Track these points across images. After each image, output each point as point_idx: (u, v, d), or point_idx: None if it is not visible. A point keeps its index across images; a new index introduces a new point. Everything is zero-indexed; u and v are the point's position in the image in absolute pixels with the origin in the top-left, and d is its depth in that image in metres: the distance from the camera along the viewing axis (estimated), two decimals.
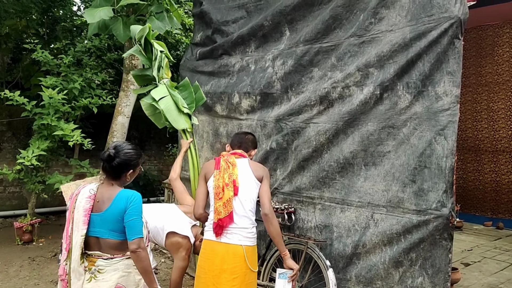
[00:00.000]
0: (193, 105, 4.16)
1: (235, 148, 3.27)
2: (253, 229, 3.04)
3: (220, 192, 2.97)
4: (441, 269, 3.04)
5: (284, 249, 3.14)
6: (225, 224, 2.93)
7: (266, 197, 3.06)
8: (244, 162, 3.13)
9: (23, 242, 6.53)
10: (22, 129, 8.26)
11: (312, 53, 3.90)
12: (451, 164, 3.02)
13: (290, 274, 3.17)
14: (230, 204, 2.95)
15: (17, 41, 7.81)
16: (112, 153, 2.49)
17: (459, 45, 3.02)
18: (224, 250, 2.94)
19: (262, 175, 3.11)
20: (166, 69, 4.17)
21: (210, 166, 3.13)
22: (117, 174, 2.52)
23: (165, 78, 4.12)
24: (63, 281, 2.52)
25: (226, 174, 3.01)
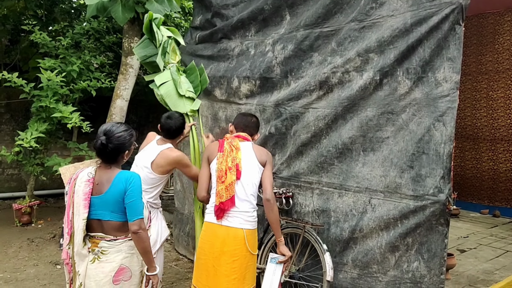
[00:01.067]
0: (198, 88, 4.11)
1: (240, 131, 3.26)
2: (254, 212, 3.07)
3: (222, 175, 2.99)
4: (437, 254, 3.07)
5: (280, 235, 3.18)
6: (227, 208, 2.96)
7: (269, 182, 3.08)
8: (248, 146, 3.14)
9: (22, 224, 6.58)
10: (21, 111, 8.24)
11: (312, 38, 3.88)
12: (449, 150, 3.03)
13: (281, 259, 3.24)
14: (232, 188, 2.97)
15: (15, 22, 7.75)
16: (104, 141, 2.44)
17: (460, 31, 3.01)
18: (225, 233, 2.97)
19: (266, 159, 3.12)
20: (173, 53, 4.11)
21: (214, 148, 3.14)
22: (113, 158, 2.51)
23: (171, 63, 4.06)
24: (67, 264, 2.55)
25: (229, 158, 3.02)
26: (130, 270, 2.52)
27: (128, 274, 2.51)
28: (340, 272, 3.55)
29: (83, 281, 2.46)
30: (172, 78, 3.95)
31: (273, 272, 3.34)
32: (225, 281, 2.93)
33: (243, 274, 2.99)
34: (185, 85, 4.01)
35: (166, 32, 4.07)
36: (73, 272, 2.50)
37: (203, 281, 3.00)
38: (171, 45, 4.06)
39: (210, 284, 2.97)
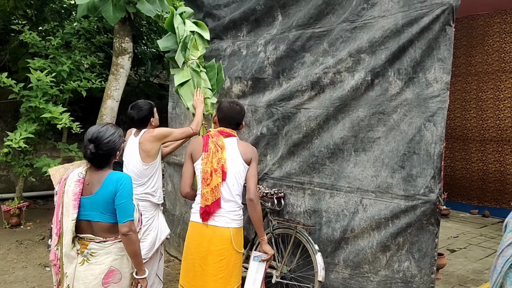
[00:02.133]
0: (215, 87, 4.05)
1: (224, 125, 3.16)
2: (240, 211, 3.05)
3: (208, 177, 2.94)
4: (428, 254, 3.09)
5: (263, 234, 3.17)
6: (212, 210, 2.94)
7: (253, 181, 3.04)
8: (233, 143, 3.09)
9: (10, 226, 6.50)
10: (10, 111, 8.15)
11: (304, 38, 3.89)
12: (440, 150, 3.04)
13: (264, 257, 3.26)
14: (218, 190, 2.94)
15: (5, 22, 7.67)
16: (94, 149, 2.40)
17: (451, 32, 3.03)
18: (211, 233, 2.95)
19: (251, 157, 3.08)
20: (194, 49, 4.01)
21: (198, 146, 3.06)
22: (105, 162, 2.49)
23: (192, 59, 3.99)
24: (55, 266, 2.51)
25: (214, 159, 2.96)
26: (120, 272, 2.49)
27: (118, 276, 2.48)
28: (332, 272, 3.55)
29: (71, 283, 2.42)
30: (192, 77, 3.86)
31: (256, 270, 3.35)
32: (212, 280, 2.92)
33: (230, 272, 2.98)
34: (205, 83, 3.94)
35: (191, 27, 3.97)
36: (61, 273, 2.46)
37: (190, 281, 2.99)
38: (192, 40, 3.95)
39: (197, 284, 2.95)
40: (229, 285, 2.99)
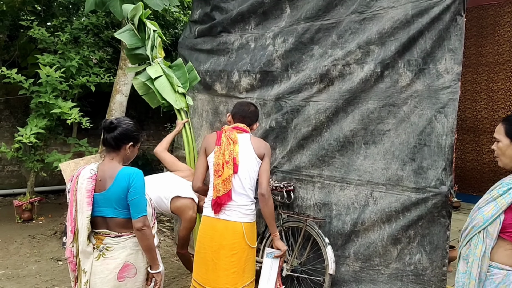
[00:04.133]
0: (186, 85, 4.13)
1: (237, 121, 3.19)
2: (252, 205, 3.04)
3: (219, 169, 2.95)
4: (439, 246, 3.07)
5: (275, 230, 3.14)
6: (223, 202, 2.93)
7: (265, 176, 3.03)
8: (246, 138, 3.09)
9: (22, 220, 6.57)
10: (20, 107, 8.21)
11: (313, 31, 3.86)
12: (451, 142, 3.01)
13: (277, 254, 3.22)
14: (229, 182, 2.94)
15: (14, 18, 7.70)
16: (114, 121, 2.50)
17: (461, 22, 2.99)
18: (223, 227, 2.95)
19: (264, 152, 3.07)
20: (160, 48, 4.12)
21: (211, 140, 3.08)
22: (117, 144, 2.50)
23: (159, 58, 4.06)
24: (71, 263, 2.53)
25: (226, 151, 2.97)
26: (135, 267, 2.50)
27: (133, 271, 2.49)
28: (342, 265, 3.55)
29: (89, 279, 2.44)
30: (164, 73, 3.94)
31: (270, 267, 3.33)
32: (224, 274, 2.92)
33: (242, 267, 2.98)
34: (175, 80, 4.02)
35: (151, 26, 4.05)
36: (78, 270, 2.47)
37: (202, 275, 2.99)
38: (158, 39, 4.05)
39: (209, 278, 2.96)
40: (242, 280, 2.98)
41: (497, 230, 2.08)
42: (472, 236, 2.17)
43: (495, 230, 2.08)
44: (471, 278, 2.12)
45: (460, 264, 2.24)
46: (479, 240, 2.12)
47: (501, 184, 2.17)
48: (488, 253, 2.10)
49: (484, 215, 2.13)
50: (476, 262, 2.11)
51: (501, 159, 2.23)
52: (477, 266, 2.10)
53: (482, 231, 2.12)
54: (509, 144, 2.15)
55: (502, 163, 2.24)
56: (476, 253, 2.12)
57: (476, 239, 2.14)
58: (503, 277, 2.07)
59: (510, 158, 2.17)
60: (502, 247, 2.10)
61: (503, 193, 2.10)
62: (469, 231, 2.20)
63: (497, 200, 2.11)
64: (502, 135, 2.18)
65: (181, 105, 4.00)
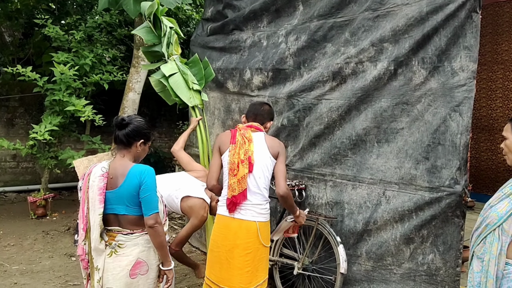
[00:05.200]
0: (202, 82, 4.14)
1: (251, 120, 3.19)
2: (267, 205, 3.04)
3: (235, 168, 2.94)
4: (453, 246, 3.03)
5: (295, 211, 3.25)
6: (239, 201, 2.93)
7: (282, 176, 3.01)
8: (260, 137, 3.08)
9: (37, 216, 6.65)
10: (34, 105, 8.31)
11: (326, 28, 3.83)
12: (466, 141, 2.97)
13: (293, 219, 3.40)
14: (245, 181, 2.93)
15: (28, 16, 7.79)
16: (125, 118, 2.52)
17: (477, 19, 2.94)
18: (237, 226, 2.95)
19: (278, 151, 3.06)
20: (176, 45, 4.13)
21: (225, 139, 3.08)
22: (128, 141, 2.51)
23: (175, 55, 4.08)
24: (83, 260, 2.54)
25: (242, 150, 2.97)
26: (147, 264, 2.51)
27: (145, 268, 2.50)
28: (354, 264, 3.52)
29: (102, 276, 2.45)
30: (179, 70, 3.94)
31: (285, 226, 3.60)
32: (238, 273, 2.92)
33: (256, 266, 2.97)
34: (190, 77, 4.02)
35: (168, 23, 4.05)
36: (90, 267, 2.48)
37: (216, 273, 3.00)
38: (174, 36, 4.05)
39: (223, 276, 2.96)
40: (255, 279, 2.98)
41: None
42: (487, 234, 2.14)
43: (511, 226, 2.06)
44: (488, 276, 2.09)
45: (474, 263, 2.21)
46: (494, 238, 2.10)
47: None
48: (504, 250, 2.07)
49: (498, 212, 2.10)
50: (493, 260, 2.08)
51: (509, 157, 2.23)
52: (494, 264, 2.08)
53: (497, 229, 2.10)
54: None
55: (510, 161, 2.23)
56: (492, 251, 2.09)
57: (491, 237, 2.12)
58: None
59: None
60: None
61: None
62: (482, 229, 2.18)
63: (510, 196, 2.09)
64: (509, 133, 2.19)
65: (195, 102, 4.00)
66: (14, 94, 8.01)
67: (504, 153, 2.25)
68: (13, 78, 6.75)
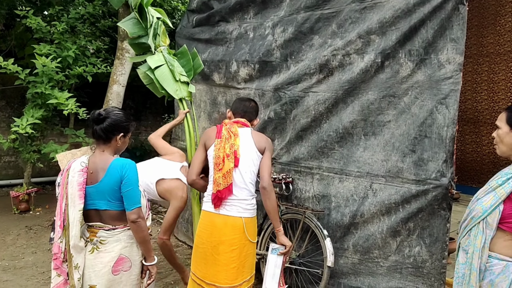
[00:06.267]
0: (191, 73, 4.07)
1: (238, 117, 3.15)
2: (253, 200, 3.00)
3: (220, 163, 2.90)
4: (439, 239, 3.04)
5: (278, 225, 3.06)
6: (224, 196, 2.88)
7: (266, 170, 2.98)
8: (247, 132, 3.05)
9: (19, 211, 6.54)
10: (16, 98, 8.15)
11: (313, 20, 3.79)
12: (452, 133, 2.97)
13: (282, 250, 3.14)
14: (230, 176, 2.89)
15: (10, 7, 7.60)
16: (102, 112, 2.43)
17: (464, 11, 2.93)
18: (223, 222, 2.91)
19: (265, 146, 3.03)
20: (163, 36, 4.04)
21: (211, 134, 3.04)
22: (107, 136, 2.44)
23: (162, 46, 4.01)
24: (56, 260, 2.43)
25: (227, 145, 2.92)
26: (129, 260, 2.46)
27: (128, 264, 2.45)
28: (341, 257, 3.52)
29: (82, 274, 2.38)
30: (166, 62, 3.87)
31: (274, 263, 3.24)
32: (224, 270, 2.89)
33: (243, 262, 2.94)
34: (178, 69, 3.94)
35: (155, 13, 3.97)
36: (69, 266, 2.39)
37: (202, 269, 2.96)
38: (161, 27, 3.97)
39: (209, 273, 2.92)
40: (242, 275, 2.94)
41: (496, 220, 2.08)
42: (472, 227, 2.16)
43: (495, 220, 2.08)
44: (472, 269, 2.12)
45: (460, 255, 2.24)
46: (478, 231, 2.13)
47: (500, 174, 2.17)
48: (487, 243, 2.10)
49: (483, 205, 2.13)
50: (477, 253, 2.11)
51: (499, 147, 2.24)
52: (478, 257, 2.11)
53: (482, 222, 2.12)
54: (508, 132, 2.16)
55: (500, 151, 2.24)
56: (476, 244, 2.12)
57: (475, 229, 2.14)
58: (503, 268, 2.07)
59: (507, 146, 2.18)
60: (501, 238, 2.10)
61: (502, 183, 2.10)
62: (468, 222, 2.20)
63: (496, 190, 2.11)
64: (503, 122, 2.20)
65: (182, 95, 3.93)
66: None
67: (494, 143, 2.26)
68: None
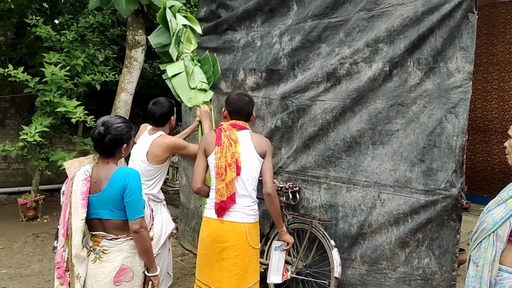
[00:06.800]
0: (211, 80, 3.95)
1: (235, 118, 3.09)
2: (255, 206, 2.98)
3: (222, 173, 2.87)
4: (449, 250, 2.98)
5: (282, 226, 3.15)
6: (228, 206, 2.88)
7: (269, 175, 2.97)
8: (246, 136, 3.01)
9: (27, 219, 6.56)
10: (25, 105, 8.21)
11: (321, 29, 3.77)
12: (462, 143, 2.92)
13: (284, 247, 3.26)
14: (233, 185, 2.87)
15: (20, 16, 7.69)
16: (102, 130, 2.37)
17: (473, 19, 2.89)
18: (225, 228, 2.90)
19: (265, 150, 3.00)
20: (188, 43, 3.93)
21: (211, 140, 3.00)
22: (111, 151, 2.43)
23: (185, 53, 3.92)
24: (59, 269, 2.41)
25: (228, 153, 2.89)
26: (132, 270, 2.43)
27: (130, 274, 2.43)
28: (348, 268, 3.47)
29: (83, 284, 2.36)
30: (185, 69, 3.80)
31: (278, 259, 3.37)
32: (228, 275, 2.88)
33: (246, 268, 2.92)
34: (199, 76, 3.85)
35: (182, 20, 3.89)
36: (70, 276, 2.37)
37: (207, 275, 2.95)
38: (186, 34, 3.87)
39: (214, 279, 2.92)
40: (245, 281, 2.93)
41: (507, 233, 2.03)
42: (482, 240, 2.11)
43: (505, 232, 2.03)
44: (482, 282, 2.07)
45: (470, 268, 2.18)
46: (489, 244, 2.07)
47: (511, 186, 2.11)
48: (498, 256, 2.04)
49: (493, 217, 2.08)
50: (487, 266, 2.06)
51: (511, 156, 2.20)
52: (488, 270, 2.05)
53: (492, 234, 2.07)
54: None
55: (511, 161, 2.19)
56: (486, 257, 2.07)
57: (486, 242, 2.09)
58: None
59: None
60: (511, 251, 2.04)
61: None
62: (478, 234, 2.15)
63: (507, 202, 2.06)
64: None
65: (196, 102, 3.85)
66: (5, 95, 7.91)
67: (506, 152, 2.23)
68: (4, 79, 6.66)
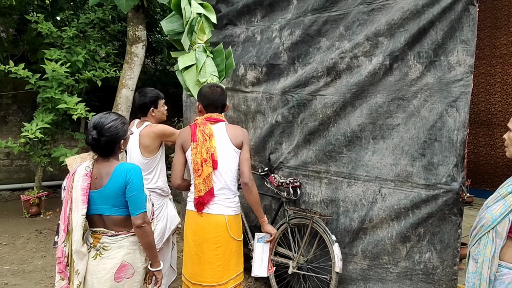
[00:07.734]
0: (223, 73, 3.86)
1: (210, 111, 3.02)
2: (235, 198, 2.98)
3: (198, 168, 2.86)
4: (450, 245, 2.97)
5: (262, 216, 3.08)
6: (206, 201, 2.87)
7: (246, 165, 2.94)
8: (221, 129, 2.96)
9: (30, 215, 6.58)
10: (27, 102, 8.22)
11: (320, 23, 3.75)
12: (463, 137, 2.90)
13: (268, 238, 3.18)
14: (210, 180, 2.86)
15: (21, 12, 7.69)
16: (96, 135, 2.34)
17: (474, 12, 2.86)
18: (206, 221, 2.90)
19: (242, 140, 2.96)
20: (201, 32, 3.79)
21: (186, 136, 2.96)
22: (109, 150, 2.41)
23: (198, 43, 3.79)
24: (60, 263, 2.40)
25: (203, 149, 2.86)
26: (132, 267, 2.43)
27: (131, 271, 2.42)
28: (350, 263, 3.46)
29: (82, 281, 2.36)
30: (196, 61, 3.68)
31: (261, 251, 3.28)
32: (209, 268, 2.87)
33: (228, 260, 2.92)
34: (210, 68, 3.73)
35: (197, 8, 3.76)
36: (70, 271, 2.38)
37: (189, 270, 2.96)
38: (199, 23, 3.75)
39: (195, 272, 2.92)
40: (227, 273, 2.93)
41: (506, 229, 2.01)
42: (481, 236, 2.10)
43: (504, 229, 2.02)
44: (481, 279, 2.06)
45: (469, 264, 2.18)
46: (488, 240, 2.06)
47: (510, 181, 2.09)
48: (497, 253, 2.04)
49: (492, 214, 2.06)
50: (487, 262, 2.05)
51: (510, 149, 2.18)
52: (488, 266, 2.04)
53: (491, 231, 2.06)
54: None
55: (510, 153, 2.19)
56: (486, 254, 2.06)
57: (485, 239, 2.08)
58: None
59: None
60: (511, 247, 2.03)
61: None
62: (478, 230, 2.14)
63: (505, 198, 2.04)
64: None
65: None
66: (7, 91, 7.92)
67: (505, 145, 2.21)
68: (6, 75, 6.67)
